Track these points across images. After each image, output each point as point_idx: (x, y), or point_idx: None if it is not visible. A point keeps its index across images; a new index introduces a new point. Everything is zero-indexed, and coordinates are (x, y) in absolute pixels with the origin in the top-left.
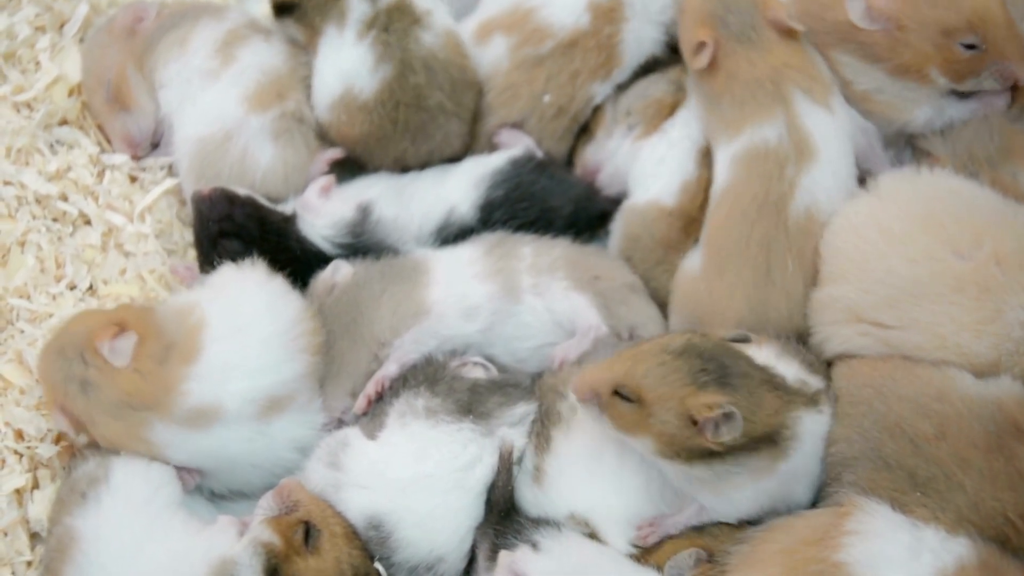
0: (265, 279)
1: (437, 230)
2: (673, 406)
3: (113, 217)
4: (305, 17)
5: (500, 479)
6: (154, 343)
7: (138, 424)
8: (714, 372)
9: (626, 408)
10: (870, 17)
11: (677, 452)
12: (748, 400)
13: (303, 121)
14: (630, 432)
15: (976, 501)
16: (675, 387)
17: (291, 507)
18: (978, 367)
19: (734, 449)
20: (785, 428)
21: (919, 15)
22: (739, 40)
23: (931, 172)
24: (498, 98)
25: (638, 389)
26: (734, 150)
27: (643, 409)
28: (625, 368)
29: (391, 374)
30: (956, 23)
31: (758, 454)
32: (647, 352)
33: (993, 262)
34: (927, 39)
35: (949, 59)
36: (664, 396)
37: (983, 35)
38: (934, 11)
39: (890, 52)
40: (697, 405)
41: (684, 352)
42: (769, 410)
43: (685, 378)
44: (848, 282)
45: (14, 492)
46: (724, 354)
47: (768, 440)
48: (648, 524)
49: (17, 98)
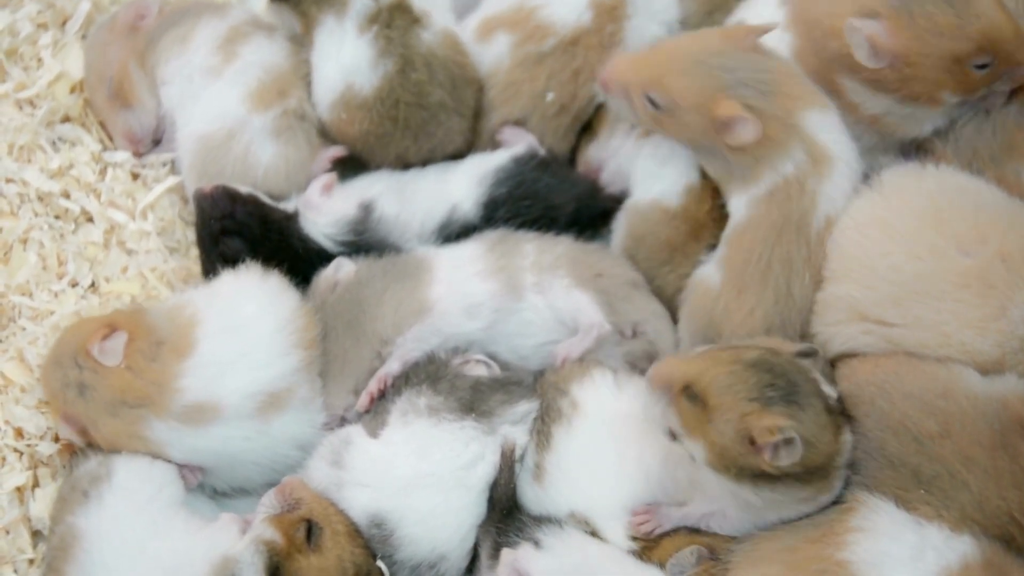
0: (260, 277)
1: (439, 228)
2: (732, 418)
3: (115, 215)
4: (301, 4)
5: (502, 477)
6: (144, 340)
7: (136, 422)
8: (782, 389)
9: (689, 408)
10: (877, 57)
11: (728, 466)
12: (813, 425)
13: (305, 119)
14: (688, 433)
15: (980, 499)
16: (739, 399)
17: (293, 505)
18: (983, 365)
19: (788, 476)
20: (838, 456)
21: (927, 48)
22: (761, 98)
23: (936, 168)
24: (500, 96)
25: (705, 391)
26: (752, 194)
27: (705, 413)
28: (699, 368)
29: (393, 372)
30: (967, 49)
31: (808, 486)
32: (722, 357)
33: (998, 259)
34: (938, 69)
35: (962, 81)
36: (726, 405)
37: (994, 52)
38: (942, 42)
39: (900, 84)
40: (759, 427)
41: (756, 364)
42: (830, 438)
43: (751, 391)
44: (851, 280)
45: (15, 490)
46: (795, 372)
47: (821, 471)
48: (643, 511)
49: (19, 95)
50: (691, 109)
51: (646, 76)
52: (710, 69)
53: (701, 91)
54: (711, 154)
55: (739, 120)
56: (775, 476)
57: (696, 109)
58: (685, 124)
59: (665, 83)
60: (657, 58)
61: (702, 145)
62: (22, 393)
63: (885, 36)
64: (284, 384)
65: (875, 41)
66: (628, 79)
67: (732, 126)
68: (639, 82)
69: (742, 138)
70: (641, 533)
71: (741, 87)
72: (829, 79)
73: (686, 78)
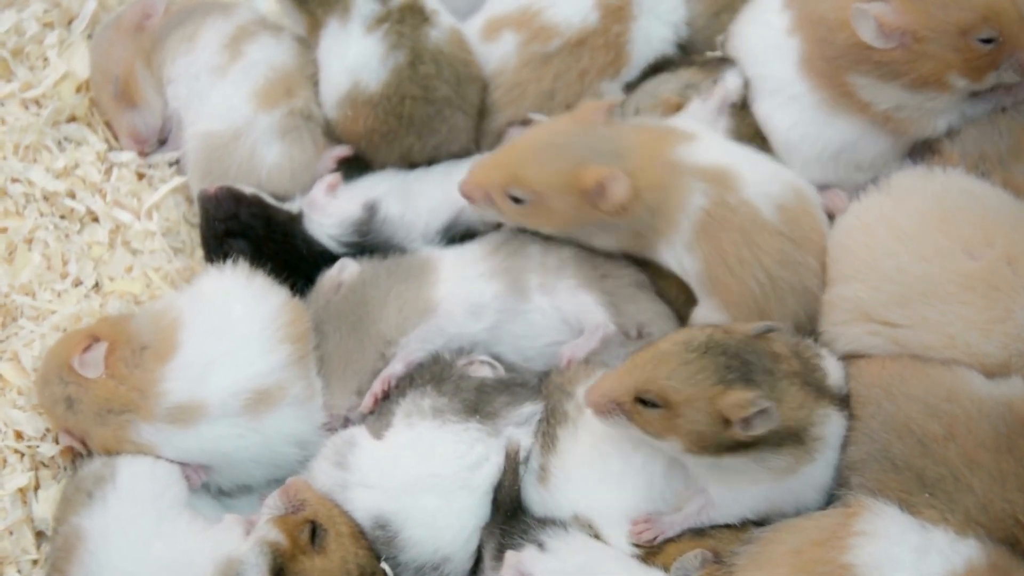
0: (242, 275)
1: (444, 228)
2: (703, 407)
3: (120, 214)
4: (307, 4)
5: (506, 479)
6: (127, 348)
7: (123, 427)
8: (740, 369)
9: (652, 414)
10: (883, 35)
11: (706, 448)
12: (770, 394)
13: (311, 118)
14: (658, 435)
15: (985, 502)
16: (703, 387)
17: (297, 506)
18: (988, 367)
19: (762, 442)
20: (812, 425)
21: (933, 21)
22: (619, 159)
23: (943, 171)
24: (506, 96)
25: (663, 392)
26: (685, 239)
27: (670, 411)
28: (646, 374)
29: (397, 373)
30: (972, 20)
31: (780, 453)
32: (668, 353)
33: (1004, 261)
34: (945, 43)
35: (968, 58)
36: (693, 397)
37: (998, 27)
38: (947, 13)
39: (908, 66)
40: (728, 405)
41: (708, 350)
42: (793, 404)
43: (712, 377)
44: (857, 281)
45: (17, 491)
46: (746, 350)
47: (793, 437)
48: (643, 520)
49: (25, 95)
50: (555, 193)
51: (502, 175)
52: (561, 150)
53: (558, 171)
54: (603, 230)
55: (606, 180)
56: (751, 444)
57: (560, 191)
58: (556, 210)
59: (522, 176)
60: (509, 155)
61: (585, 225)
62: (19, 395)
63: (892, 14)
64: (272, 380)
65: (883, 20)
66: (486, 183)
67: (602, 190)
68: (498, 183)
69: (617, 195)
70: (642, 541)
71: (597, 156)
72: (838, 81)
73: (540, 165)
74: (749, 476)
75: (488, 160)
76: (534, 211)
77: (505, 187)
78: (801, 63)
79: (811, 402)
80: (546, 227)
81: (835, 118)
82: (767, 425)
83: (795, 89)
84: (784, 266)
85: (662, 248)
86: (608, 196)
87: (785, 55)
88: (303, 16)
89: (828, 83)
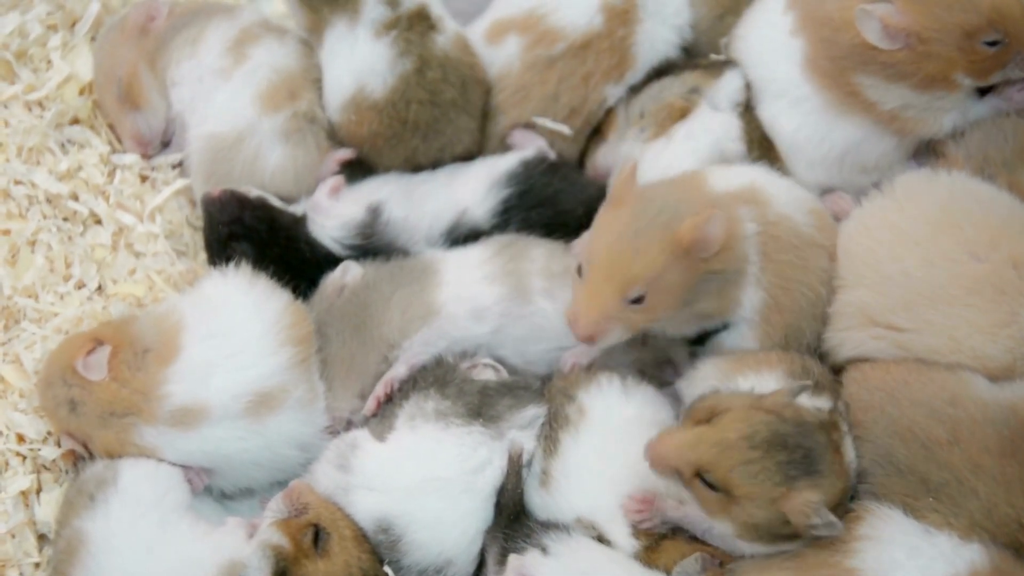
0: (246, 279)
1: (448, 231)
2: (763, 505)
3: (123, 217)
4: (314, 2)
5: (510, 482)
6: (129, 351)
7: (126, 430)
8: (802, 464)
9: (712, 495)
10: (889, 36)
11: (760, 538)
12: (834, 482)
13: (315, 121)
14: (711, 514)
15: (989, 507)
16: (766, 487)
17: (300, 510)
18: (992, 371)
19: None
20: (848, 499)
21: (938, 23)
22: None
23: (948, 174)
24: (510, 99)
25: (726, 483)
26: (754, 274)
27: (730, 499)
28: (711, 457)
29: (400, 375)
30: (977, 23)
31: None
32: (731, 443)
33: (1010, 265)
34: (950, 45)
35: (974, 60)
36: (755, 495)
37: (1004, 29)
38: (952, 15)
39: (914, 66)
40: (794, 511)
41: (769, 445)
42: (845, 477)
43: (775, 476)
44: (862, 285)
45: (20, 494)
46: (805, 436)
47: (842, 508)
48: (640, 498)
49: (28, 97)
50: (665, 269)
51: (616, 286)
52: (646, 231)
53: (658, 246)
54: (704, 287)
55: (704, 225)
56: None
57: (668, 265)
58: (671, 286)
59: (632, 274)
60: (607, 268)
61: (694, 289)
62: (20, 398)
63: (897, 15)
64: (274, 383)
65: (888, 21)
66: (605, 308)
67: (703, 235)
68: (613, 297)
69: (717, 232)
70: (635, 522)
71: (677, 216)
72: (844, 81)
73: (639, 254)
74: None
75: (589, 290)
76: (654, 301)
77: (625, 295)
78: (805, 64)
79: (850, 475)
80: (669, 310)
81: (840, 119)
82: (826, 519)
83: (800, 91)
84: (824, 284)
85: (746, 288)
86: (709, 238)
87: (789, 56)
88: (309, 15)
89: (833, 83)
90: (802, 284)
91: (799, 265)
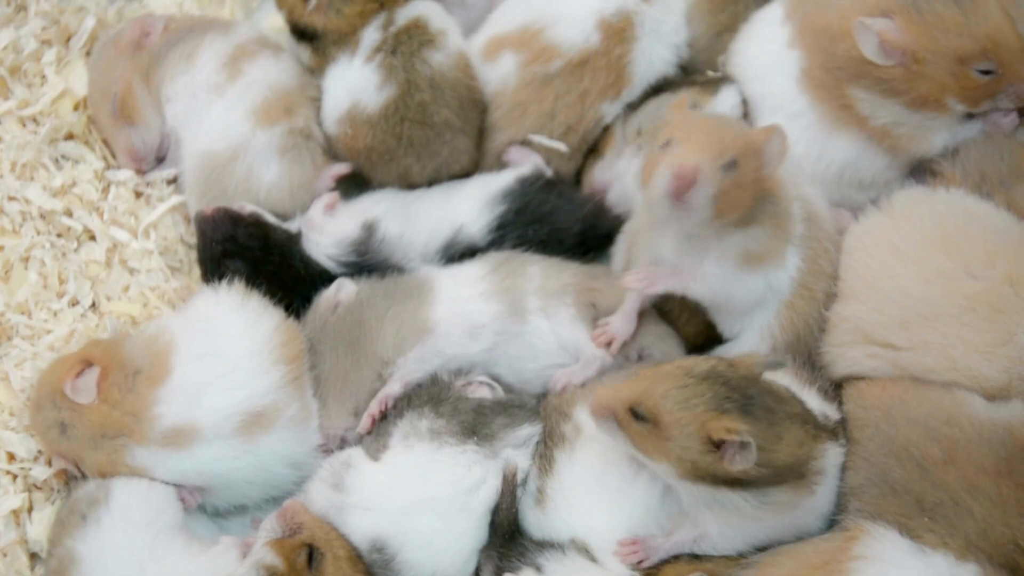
0: (237, 297)
1: (443, 248)
2: (693, 430)
3: (117, 233)
4: (321, 45)
5: (504, 501)
6: (119, 373)
7: (117, 451)
8: (737, 400)
9: (642, 429)
10: (884, 52)
11: (701, 476)
12: (768, 431)
13: (311, 138)
14: (648, 454)
15: (985, 527)
16: (695, 412)
17: (294, 529)
18: (989, 390)
19: (759, 480)
20: (812, 460)
21: (933, 45)
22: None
23: (945, 192)
24: (506, 116)
25: (654, 410)
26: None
27: (659, 431)
28: (643, 388)
29: (394, 393)
30: (971, 50)
31: (782, 488)
32: (668, 374)
33: (1006, 283)
34: (943, 69)
35: (966, 87)
36: (683, 420)
37: (998, 59)
38: (948, 40)
39: (907, 85)
40: (717, 428)
41: (708, 378)
42: (792, 441)
43: (708, 403)
44: (859, 302)
45: (11, 513)
46: (750, 385)
47: (794, 473)
48: (630, 541)
49: (22, 112)
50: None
51: (714, 153)
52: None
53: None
54: (756, 218)
55: (772, 136)
56: (749, 480)
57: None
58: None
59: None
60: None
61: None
62: (10, 416)
63: (895, 32)
64: (266, 402)
65: (885, 37)
66: (700, 161)
67: (771, 147)
68: (711, 160)
69: (781, 149)
70: (628, 563)
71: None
72: (838, 93)
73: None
74: (749, 512)
75: (684, 147)
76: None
77: (719, 159)
78: (801, 77)
79: (810, 439)
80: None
81: (836, 134)
82: (747, 461)
83: (797, 106)
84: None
85: (791, 246)
86: (777, 147)
87: (786, 70)
88: (314, 55)
89: (828, 96)
90: (824, 271)
91: (827, 249)
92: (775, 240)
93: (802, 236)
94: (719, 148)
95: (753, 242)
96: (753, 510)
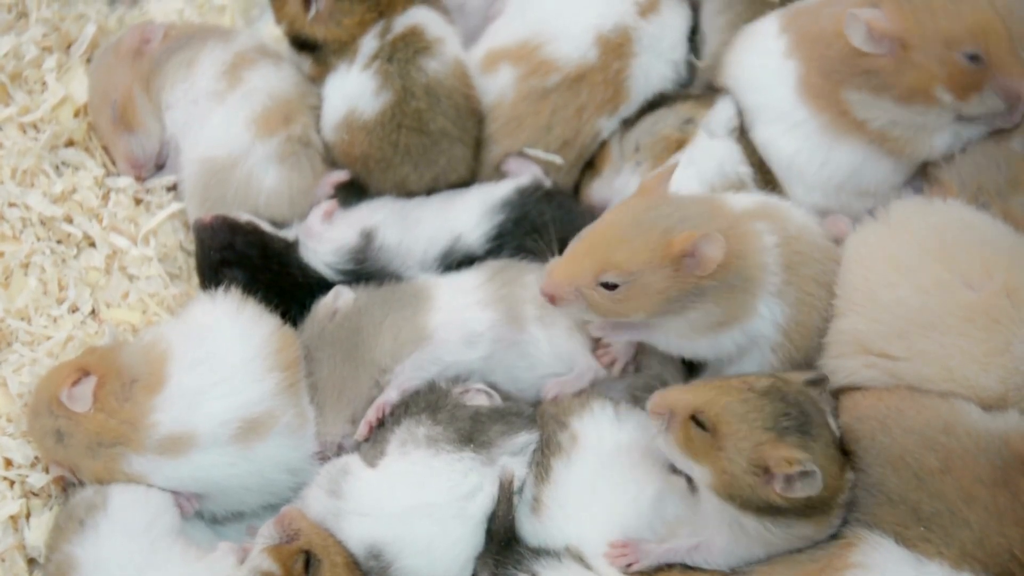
0: (233, 305)
1: (441, 257)
2: (746, 447)
3: (117, 240)
4: (322, 54)
5: (501, 509)
6: (115, 381)
7: (114, 459)
8: (796, 419)
9: (698, 434)
10: (872, 40)
11: (734, 495)
12: (824, 458)
13: (310, 145)
14: (694, 457)
15: (981, 537)
16: (753, 428)
17: (292, 536)
18: (986, 400)
19: (791, 510)
20: (841, 493)
21: (920, 28)
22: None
23: (942, 202)
24: (503, 129)
25: (716, 419)
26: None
27: (715, 441)
28: (709, 396)
29: (392, 400)
30: (958, 32)
31: (809, 521)
32: (731, 387)
33: (1003, 294)
34: (930, 53)
35: (953, 73)
36: (740, 433)
37: (984, 47)
38: (935, 22)
39: (896, 75)
40: (776, 457)
41: (768, 393)
42: (837, 472)
43: (766, 420)
44: (856, 312)
45: (9, 519)
46: (807, 402)
47: (824, 506)
48: (621, 544)
49: (23, 119)
50: (650, 268)
51: (593, 264)
52: (645, 226)
53: (649, 246)
54: (697, 301)
55: (700, 242)
56: (779, 509)
57: (655, 265)
58: (651, 288)
59: (614, 260)
60: (593, 244)
61: (683, 299)
62: (8, 423)
63: (883, 20)
64: (262, 409)
65: (873, 25)
66: (575, 277)
67: (698, 254)
68: (589, 273)
69: (713, 254)
70: (618, 565)
71: (682, 223)
72: (835, 100)
73: (629, 244)
74: (765, 539)
75: (570, 255)
76: (628, 294)
77: (597, 275)
78: (799, 86)
79: (843, 466)
80: (641, 312)
81: (837, 142)
82: (809, 489)
83: (797, 116)
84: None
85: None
86: (705, 259)
87: (783, 80)
88: (314, 64)
89: (826, 104)
90: (822, 301)
91: (822, 281)
92: (733, 307)
93: (781, 284)
94: (601, 262)
95: (703, 316)
96: (771, 538)
